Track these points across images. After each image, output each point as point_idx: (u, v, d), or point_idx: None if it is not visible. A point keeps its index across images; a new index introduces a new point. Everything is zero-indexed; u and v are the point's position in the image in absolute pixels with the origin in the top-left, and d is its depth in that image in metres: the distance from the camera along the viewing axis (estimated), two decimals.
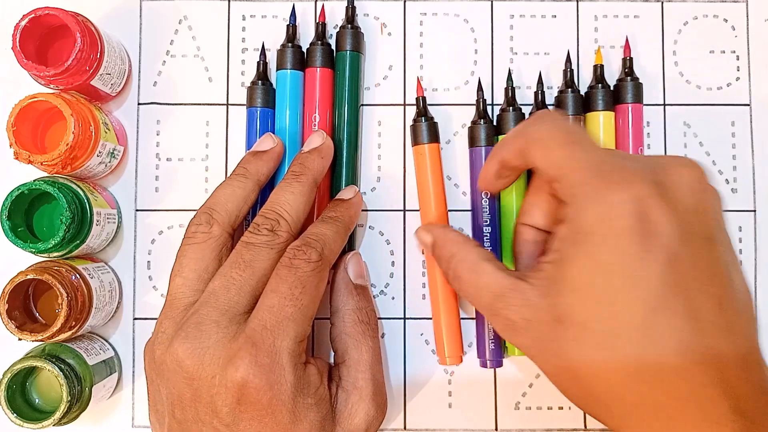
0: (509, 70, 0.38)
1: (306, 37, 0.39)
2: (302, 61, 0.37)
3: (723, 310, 0.26)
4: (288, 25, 0.38)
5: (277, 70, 0.37)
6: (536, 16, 0.39)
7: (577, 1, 0.39)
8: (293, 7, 0.38)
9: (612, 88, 0.37)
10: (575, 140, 0.29)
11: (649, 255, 0.25)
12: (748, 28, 0.39)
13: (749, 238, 0.39)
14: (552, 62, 0.39)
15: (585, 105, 0.37)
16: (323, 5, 0.39)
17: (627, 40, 0.38)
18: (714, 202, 0.28)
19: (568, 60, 0.38)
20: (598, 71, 0.37)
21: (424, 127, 0.37)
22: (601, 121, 0.37)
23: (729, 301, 0.26)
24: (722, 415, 0.25)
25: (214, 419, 0.28)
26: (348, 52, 0.37)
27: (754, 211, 0.39)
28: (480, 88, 0.38)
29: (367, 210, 0.39)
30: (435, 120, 0.37)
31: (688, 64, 0.39)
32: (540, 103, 0.37)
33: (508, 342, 0.34)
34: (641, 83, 0.37)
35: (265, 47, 0.38)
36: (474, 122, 0.37)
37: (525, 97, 0.39)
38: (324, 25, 0.38)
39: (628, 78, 0.37)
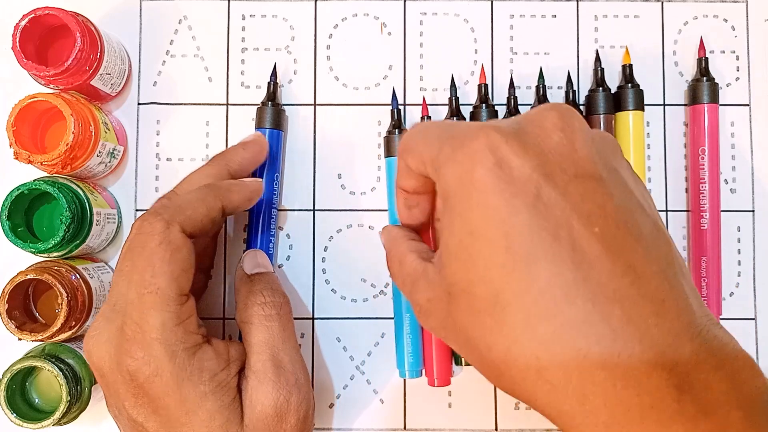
0: (540, 68, 0.38)
1: (304, 40, 0.39)
2: None
3: (617, 250, 0.23)
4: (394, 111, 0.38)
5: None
6: (536, 16, 0.39)
7: (577, 1, 0.39)
8: (393, 91, 0.39)
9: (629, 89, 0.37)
10: (428, 128, 0.27)
11: (514, 201, 0.23)
12: (748, 28, 0.39)
13: (748, 238, 0.39)
14: (552, 62, 0.39)
15: (615, 105, 0.37)
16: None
17: (701, 40, 0.38)
18: (596, 140, 0.25)
19: (598, 59, 0.38)
20: (627, 71, 0.37)
21: (485, 114, 0.37)
22: (631, 120, 0.37)
23: (626, 240, 0.23)
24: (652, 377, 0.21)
25: (124, 414, 0.28)
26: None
27: (753, 211, 0.39)
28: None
29: (367, 210, 0.39)
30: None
31: (688, 64, 0.39)
32: (571, 103, 0.37)
33: (427, 329, 0.31)
34: (717, 83, 0.38)
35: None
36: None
37: (524, 96, 0.39)
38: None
39: (704, 78, 0.37)
